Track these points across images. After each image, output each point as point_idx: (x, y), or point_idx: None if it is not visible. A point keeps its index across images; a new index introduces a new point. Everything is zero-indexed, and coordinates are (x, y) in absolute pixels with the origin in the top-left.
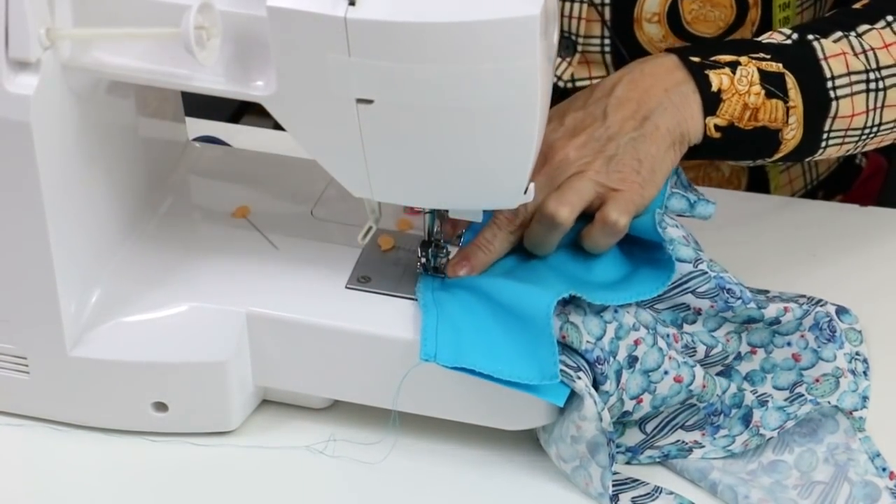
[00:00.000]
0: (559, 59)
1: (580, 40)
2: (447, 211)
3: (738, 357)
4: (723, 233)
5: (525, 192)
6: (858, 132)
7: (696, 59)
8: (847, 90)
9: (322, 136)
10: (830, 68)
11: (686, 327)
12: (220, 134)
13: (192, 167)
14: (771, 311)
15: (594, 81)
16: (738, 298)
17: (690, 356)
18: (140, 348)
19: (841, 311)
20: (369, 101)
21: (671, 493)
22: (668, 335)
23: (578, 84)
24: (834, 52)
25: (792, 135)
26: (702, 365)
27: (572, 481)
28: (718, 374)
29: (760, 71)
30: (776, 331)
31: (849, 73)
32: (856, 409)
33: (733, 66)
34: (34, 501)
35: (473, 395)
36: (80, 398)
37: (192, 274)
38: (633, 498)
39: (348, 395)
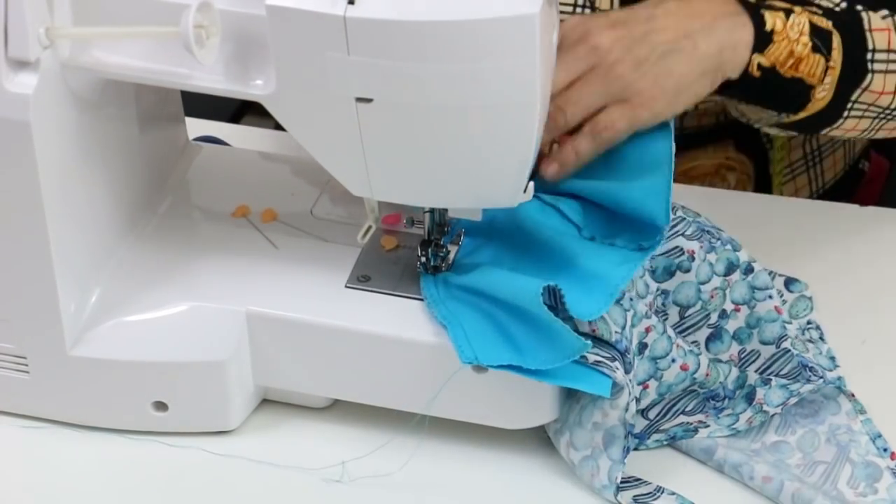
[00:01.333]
0: None
1: None
2: (447, 210)
3: (725, 315)
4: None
5: (525, 190)
6: (879, 111)
7: (751, 0)
8: (883, 66)
9: (321, 135)
10: (874, 41)
11: (677, 276)
12: (220, 134)
13: (192, 167)
14: (744, 255)
15: None
16: (717, 239)
17: (663, 321)
18: (140, 348)
19: (789, 281)
20: (368, 100)
21: (672, 493)
22: (647, 311)
23: None
24: (879, 27)
25: (822, 95)
26: (684, 328)
27: (577, 472)
28: (710, 337)
29: (811, 24)
30: (754, 286)
31: (888, 51)
32: (830, 370)
33: (787, 12)
34: (34, 501)
35: (473, 394)
36: (80, 398)
37: (192, 274)
38: (635, 496)
39: (348, 395)
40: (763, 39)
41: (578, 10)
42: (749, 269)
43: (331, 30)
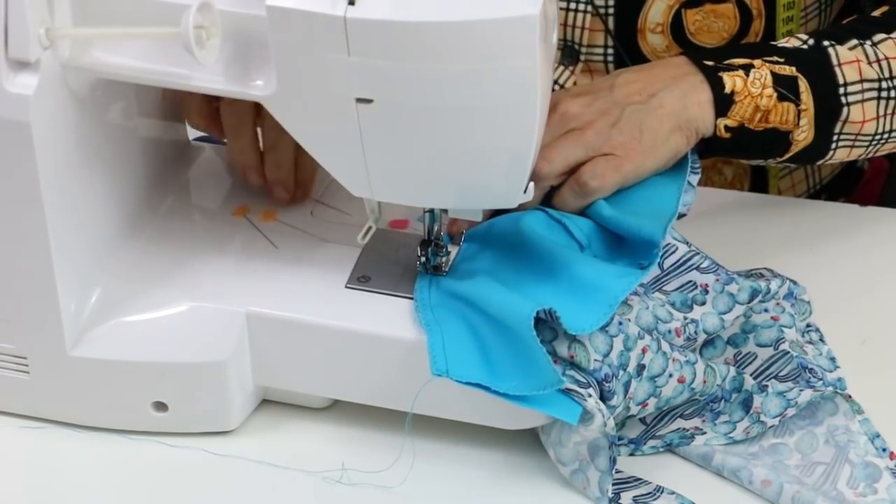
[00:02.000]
0: (562, 68)
1: (583, 49)
2: (447, 210)
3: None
4: (723, 233)
5: (525, 191)
6: (869, 137)
7: (709, 63)
8: (858, 97)
9: (322, 136)
10: (844, 74)
11: (696, 309)
12: None
13: (192, 167)
14: (761, 281)
15: None
16: (734, 271)
17: (690, 344)
18: (140, 348)
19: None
20: (369, 101)
21: (672, 492)
22: (670, 331)
23: None
24: (848, 59)
25: (803, 136)
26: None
27: (572, 483)
28: (704, 343)
29: (773, 74)
30: (762, 301)
31: (861, 81)
32: (830, 371)
33: (747, 68)
34: (34, 501)
35: (473, 395)
36: (80, 398)
37: (192, 274)
38: (635, 497)
39: (348, 395)
40: (724, 102)
41: (572, 4)
42: (767, 291)
43: (331, 30)
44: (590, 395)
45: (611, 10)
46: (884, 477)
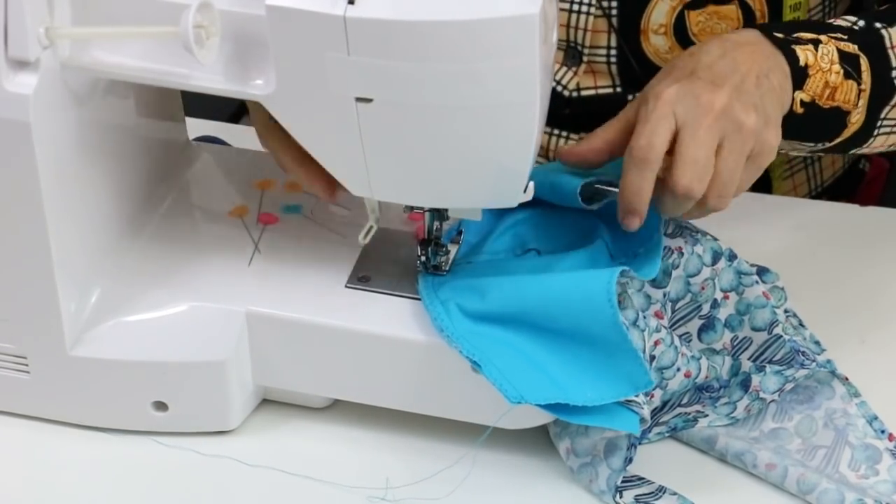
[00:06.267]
0: (565, 69)
1: (586, 50)
2: (447, 210)
3: (716, 304)
4: (723, 232)
5: (525, 190)
6: None
7: (779, 35)
8: None
9: (321, 135)
10: None
11: (674, 274)
12: (220, 134)
13: (192, 167)
14: (723, 244)
15: (600, 91)
16: (697, 231)
17: (671, 332)
18: (140, 348)
19: (761, 271)
20: (368, 100)
21: (675, 493)
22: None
23: (584, 93)
24: None
25: (857, 119)
26: (674, 321)
27: (575, 477)
28: (702, 327)
29: (839, 51)
30: (740, 271)
31: None
32: (819, 354)
33: (815, 43)
34: (34, 501)
35: (474, 395)
36: (80, 398)
37: (192, 274)
38: (637, 496)
39: (348, 395)
40: (800, 75)
41: (575, 6)
42: (733, 256)
43: (331, 30)
44: (644, 404)
45: (614, 12)
46: (884, 458)
